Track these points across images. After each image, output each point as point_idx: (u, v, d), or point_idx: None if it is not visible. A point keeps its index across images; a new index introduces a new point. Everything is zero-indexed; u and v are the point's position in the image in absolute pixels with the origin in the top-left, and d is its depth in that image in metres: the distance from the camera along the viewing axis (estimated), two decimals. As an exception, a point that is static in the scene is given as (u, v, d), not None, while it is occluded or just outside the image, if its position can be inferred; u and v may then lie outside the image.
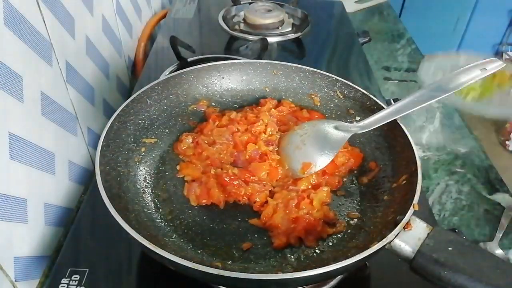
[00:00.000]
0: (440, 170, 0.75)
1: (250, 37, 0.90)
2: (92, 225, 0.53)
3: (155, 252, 0.37)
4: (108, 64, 0.76)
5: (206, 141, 0.56)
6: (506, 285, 0.32)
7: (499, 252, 0.61)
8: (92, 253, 0.50)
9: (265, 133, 0.57)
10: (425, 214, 0.56)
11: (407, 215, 0.39)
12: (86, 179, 0.64)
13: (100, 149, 0.47)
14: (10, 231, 0.45)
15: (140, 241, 0.38)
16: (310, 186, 0.51)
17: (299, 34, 0.93)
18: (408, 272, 0.38)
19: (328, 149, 0.51)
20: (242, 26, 0.96)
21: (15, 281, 0.46)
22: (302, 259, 0.45)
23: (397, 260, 0.38)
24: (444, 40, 2.18)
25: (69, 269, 0.47)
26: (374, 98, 0.56)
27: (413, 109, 0.50)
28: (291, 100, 0.64)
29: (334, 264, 0.36)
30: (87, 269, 0.47)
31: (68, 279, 0.46)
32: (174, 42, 0.74)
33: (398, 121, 0.51)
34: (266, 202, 0.49)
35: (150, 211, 0.49)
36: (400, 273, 0.45)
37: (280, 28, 0.95)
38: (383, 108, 0.53)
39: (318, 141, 0.52)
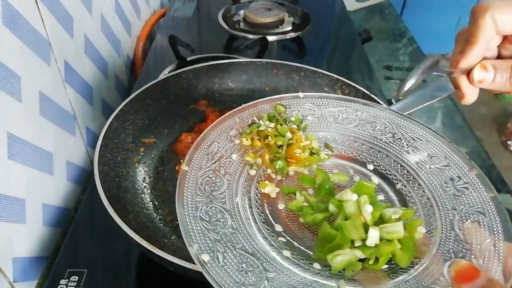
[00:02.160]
0: (441, 170, 0.74)
1: (250, 36, 0.89)
2: (90, 226, 0.53)
3: (155, 253, 0.37)
4: (107, 64, 0.75)
5: (205, 141, 0.56)
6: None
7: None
8: (91, 254, 0.49)
9: (265, 133, 0.56)
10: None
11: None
12: (85, 180, 0.64)
13: (98, 149, 0.47)
14: (8, 231, 0.45)
15: (139, 242, 0.38)
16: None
17: (299, 33, 0.93)
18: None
19: None
20: (242, 25, 0.95)
21: (14, 282, 0.46)
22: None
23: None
24: (445, 39, 2.17)
25: (68, 270, 0.46)
26: (376, 98, 0.56)
27: (415, 109, 0.49)
28: (291, 99, 0.64)
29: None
30: (86, 270, 0.46)
31: (67, 280, 0.45)
32: (173, 41, 0.74)
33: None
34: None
35: (149, 212, 0.49)
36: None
37: (280, 27, 0.95)
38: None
39: None
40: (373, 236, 0.29)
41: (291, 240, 0.32)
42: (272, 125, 0.40)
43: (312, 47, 0.92)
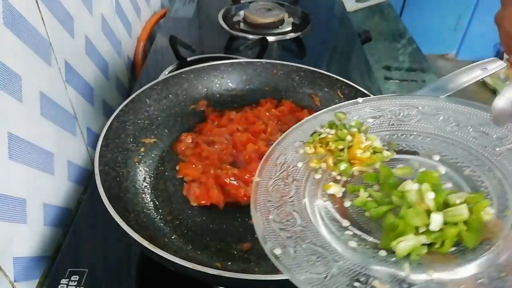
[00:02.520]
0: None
1: (250, 37, 0.89)
2: (91, 226, 0.53)
3: (155, 253, 0.37)
4: (108, 64, 0.76)
5: (205, 141, 0.56)
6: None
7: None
8: (92, 254, 0.49)
9: (265, 133, 0.57)
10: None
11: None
12: (85, 180, 0.64)
13: (99, 149, 0.47)
14: (9, 231, 0.45)
15: (140, 241, 0.38)
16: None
17: (299, 33, 0.93)
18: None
19: None
20: (242, 25, 0.96)
21: (15, 281, 0.46)
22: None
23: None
24: (445, 39, 2.18)
25: (68, 269, 0.47)
26: (375, 98, 0.56)
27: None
28: (291, 100, 0.64)
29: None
30: (86, 270, 0.47)
31: (68, 279, 0.46)
32: (173, 41, 0.74)
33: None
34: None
35: (149, 212, 0.49)
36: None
37: (280, 27, 0.95)
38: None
39: None
40: (436, 220, 0.30)
41: (357, 233, 0.34)
42: (333, 131, 0.41)
43: (312, 48, 0.92)
